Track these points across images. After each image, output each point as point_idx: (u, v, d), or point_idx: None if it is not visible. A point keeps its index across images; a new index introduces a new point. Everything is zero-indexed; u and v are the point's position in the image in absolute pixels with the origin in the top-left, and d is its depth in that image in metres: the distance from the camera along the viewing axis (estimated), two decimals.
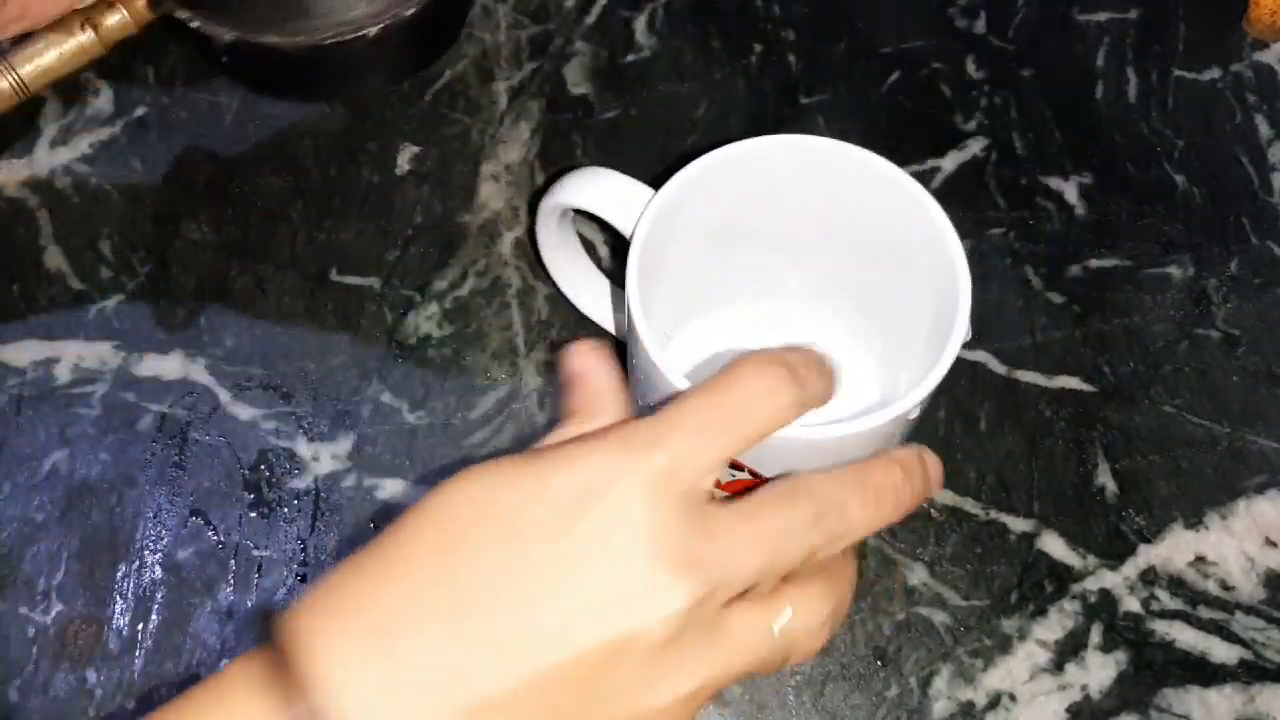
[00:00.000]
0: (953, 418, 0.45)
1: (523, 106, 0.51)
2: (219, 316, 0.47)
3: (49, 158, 0.50)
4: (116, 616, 0.41)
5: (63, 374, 0.46)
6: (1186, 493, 0.43)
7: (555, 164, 0.50)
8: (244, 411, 0.45)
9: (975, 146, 0.50)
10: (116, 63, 0.52)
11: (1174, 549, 0.43)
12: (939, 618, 0.42)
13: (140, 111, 0.51)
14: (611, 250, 0.48)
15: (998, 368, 0.46)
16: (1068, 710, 0.40)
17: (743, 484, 0.37)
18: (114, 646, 0.41)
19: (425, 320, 0.47)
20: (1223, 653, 0.41)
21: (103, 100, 0.52)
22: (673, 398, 0.28)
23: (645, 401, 0.37)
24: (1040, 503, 0.43)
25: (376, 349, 0.46)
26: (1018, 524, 0.43)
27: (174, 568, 0.42)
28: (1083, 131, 0.50)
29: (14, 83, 0.48)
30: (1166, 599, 0.42)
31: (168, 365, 0.46)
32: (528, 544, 0.26)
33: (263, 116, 0.51)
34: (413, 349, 0.46)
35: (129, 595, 0.42)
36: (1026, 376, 0.45)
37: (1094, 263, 0.48)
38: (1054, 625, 0.41)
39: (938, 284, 0.35)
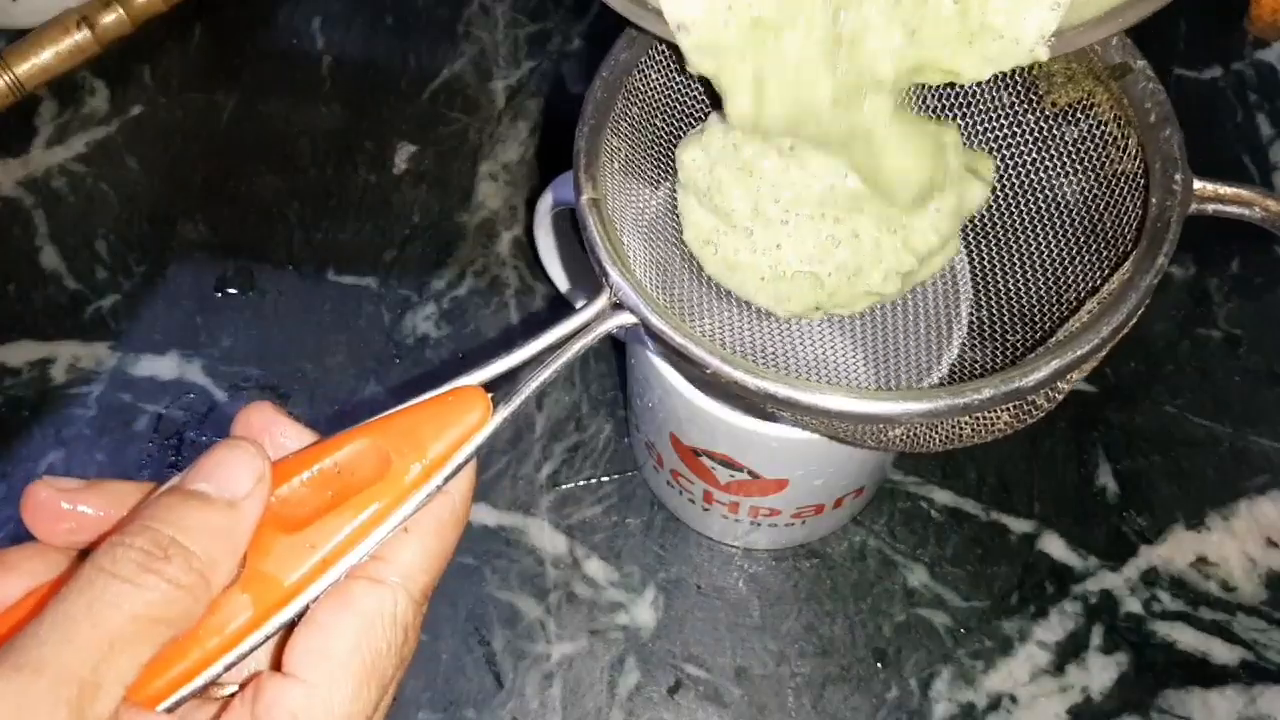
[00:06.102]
0: None
1: (521, 105, 0.51)
2: (215, 316, 0.47)
3: (45, 157, 0.50)
4: None
5: (59, 374, 0.45)
6: (1188, 493, 0.43)
7: (554, 163, 0.50)
8: None
9: None
10: (113, 62, 0.51)
11: (1175, 550, 0.42)
12: (939, 619, 0.41)
13: (136, 110, 0.51)
14: None
15: None
16: (1069, 712, 0.40)
17: (741, 484, 0.37)
18: None
19: (423, 320, 0.47)
20: (1224, 654, 0.41)
21: (99, 99, 0.52)
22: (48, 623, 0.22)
23: (645, 402, 0.37)
24: (1041, 503, 0.43)
25: (374, 349, 0.46)
26: (1018, 525, 0.43)
27: None
28: None
29: (10, 81, 0.48)
30: (1168, 600, 0.42)
31: (164, 365, 0.46)
32: None
33: (259, 116, 0.51)
34: (410, 349, 0.46)
35: None
36: None
37: None
38: (1055, 626, 0.41)
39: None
